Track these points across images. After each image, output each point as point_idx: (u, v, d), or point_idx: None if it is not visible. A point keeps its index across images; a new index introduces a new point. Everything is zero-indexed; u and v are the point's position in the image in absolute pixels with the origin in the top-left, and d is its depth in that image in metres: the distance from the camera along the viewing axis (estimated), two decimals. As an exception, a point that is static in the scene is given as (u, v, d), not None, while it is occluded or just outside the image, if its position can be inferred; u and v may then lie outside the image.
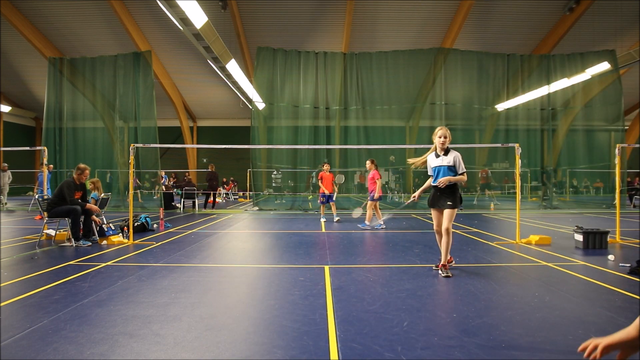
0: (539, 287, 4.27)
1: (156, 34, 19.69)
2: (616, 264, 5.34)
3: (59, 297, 3.84)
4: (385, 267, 5.19)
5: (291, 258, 5.84)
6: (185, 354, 2.65)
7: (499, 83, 15.81)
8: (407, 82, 15.83)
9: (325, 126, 15.66)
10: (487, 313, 3.43)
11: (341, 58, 15.28)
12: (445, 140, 4.82)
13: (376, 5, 17.86)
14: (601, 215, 12.46)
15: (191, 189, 14.65)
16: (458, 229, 8.95)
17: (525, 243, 6.91)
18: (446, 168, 4.83)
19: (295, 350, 2.70)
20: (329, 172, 10.50)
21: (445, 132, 4.83)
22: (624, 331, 1.25)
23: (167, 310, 3.49)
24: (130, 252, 6.28)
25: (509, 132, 16.13)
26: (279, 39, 18.18)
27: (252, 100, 15.08)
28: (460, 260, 5.61)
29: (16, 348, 2.72)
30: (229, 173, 24.62)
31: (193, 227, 9.43)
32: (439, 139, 4.85)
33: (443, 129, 4.86)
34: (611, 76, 15.45)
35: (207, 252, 6.35)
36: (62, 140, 15.28)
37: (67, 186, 6.91)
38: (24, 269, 5.08)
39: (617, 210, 7.54)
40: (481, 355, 2.62)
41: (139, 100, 14.52)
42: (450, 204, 4.76)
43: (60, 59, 15.54)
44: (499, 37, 19.50)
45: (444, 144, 4.83)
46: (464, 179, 4.80)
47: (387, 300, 3.80)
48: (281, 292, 4.09)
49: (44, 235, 7.40)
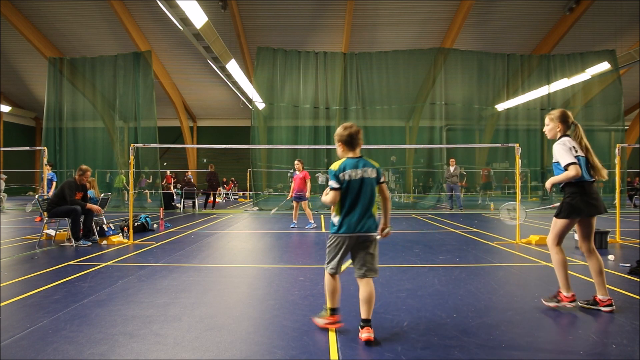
0: (539, 287, 4.27)
1: (156, 34, 19.68)
2: (616, 264, 5.34)
3: (59, 297, 3.84)
4: (385, 267, 5.19)
5: (291, 258, 5.84)
6: (185, 354, 2.65)
7: (499, 83, 15.81)
8: (407, 82, 15.83)
9: (325, 126, 15.66)
10: (487, 313, 3.43)
11: (341, 58, 15.28)
12: (545, 128, 3.67)
13: (376, 5, 17.85)
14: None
15: (191, 189, 14.65)
16: (458, 229, 8.95)
17: (525, 243, 6.91)
18: (554, 165, 3.59)
19: (295, 350, 2.70)
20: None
21: (546, 117, 3.67)
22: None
23: (167, 310, 3.49)
24: (130, 252, 6.28)
25: (509, 132, 16.14)
26: (279, 39, 18.17)
27: (252, 100, 15.08)
28: (460, 260, 5.61)
29: (16, 348, 2.72)
30: (229, 173, 24.62)
31: (193, 227, 9.43)
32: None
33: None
34: (611, 76, 15.45)
35: (207, 252, 6.35)
36: (62, 140, 15.29)
37: (69, 186, 6.92)
38: (24, 269, 5.08)
39: (617, 210, 7.54)
40: (481, 355, 2.62)
41: (139, 100, 14.52)
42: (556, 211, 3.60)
43: (60, 59, 15.54)
44: (499, 37, 19.49)
45: (547, 133, 3.66)
46: (569, 175, 3.29)
47: (387, 300, 3.80)
48: (281, 292, 4.09)
49: (44, 235, 7.40)
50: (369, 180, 2.91)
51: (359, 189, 2.89)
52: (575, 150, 3.39)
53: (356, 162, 2.94)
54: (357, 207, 2.88)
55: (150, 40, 19.89)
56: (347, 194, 2.90)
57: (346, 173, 2.89)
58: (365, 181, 2.90)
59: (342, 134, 2.97)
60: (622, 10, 17.16)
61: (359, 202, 2.88)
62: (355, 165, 2.92)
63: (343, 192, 2.91)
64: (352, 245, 2.93)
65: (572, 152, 3.37)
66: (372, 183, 2.93)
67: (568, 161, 3.31)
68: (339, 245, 2.94)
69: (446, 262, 5.53)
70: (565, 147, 3.38)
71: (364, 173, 2.91)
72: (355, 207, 2.88)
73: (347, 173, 2.89)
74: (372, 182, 2.93)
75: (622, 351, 2.69)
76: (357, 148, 3.00)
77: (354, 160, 2.95)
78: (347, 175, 2.89)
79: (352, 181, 2.89)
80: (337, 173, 2.90)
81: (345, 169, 2.90)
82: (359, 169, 2.91)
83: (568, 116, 3.54)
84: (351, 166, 2.91)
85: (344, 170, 2.90)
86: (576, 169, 3.27)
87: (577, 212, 3.40)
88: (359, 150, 3.02)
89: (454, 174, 13.42)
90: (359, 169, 2.91)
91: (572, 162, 3.29)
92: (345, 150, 3.00)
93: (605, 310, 3.40)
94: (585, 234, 3.54)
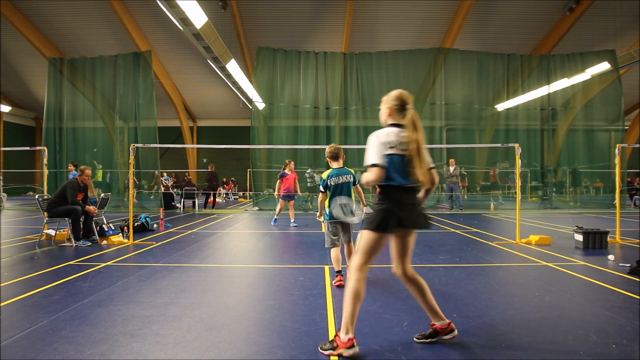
0: (539, 287, 4.27)
1: (156, 34, 19.67)
2: (616, 264, 5.34)
3: (59, 297, 3.84)
4: (385, 267, 5.18)
5: (291, 258, 5.84)
6: (185, 354, 2.65)
7: (499, 83, 15.80)
8: (407, 82, 15.81)
9: (325, 126, 15.66)
10: (487, 313, 3.43)
11: (341, 58, 15.27)
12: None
13: (376, 5, 17.84)
14: (601, 215, 12.46)
15: (191, 189, 14.65)
16: (458, 229, 8.95)
17: (525, 243, 6.91)
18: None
19: (295, 350, 2.70)
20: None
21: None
22: None
23: (167, 310, 3.49)
24: (130, 252, 6.28)
25: (509, 132, 16.12)
26: (279, 39, 18.16)
27: (252, 100, 15.08)
28: (460, 260, 5.61)
29: (16, 348, 2.72)
30: (229, 173, 24.60)
31: (193, 227, 9.43)
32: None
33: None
34: (611, 76, 15.44)
35: (207, 252, 6.35)
36: (62, 140, 15.28)
37: (71, 187, 6.95)
38: (24, 269, 5.08)
39: (617, 210, 7.54)
40: (481, 355, 2.62)
41: (139, 100, 14.51)
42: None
43: (60, 59, 15.54)
44: (499, 37, 19.48)
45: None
46: (367, 179, 2.61)
47: (387, 300, 3.80)
48: (281, 292, 4.10)
49: (44, 235, 7.41)
50: (346, 183, 4.36)
51: (341, 190, 4.33)
52: (392, 146, 2.62)
53: (338, 172, 4.38)
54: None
55: (150, 40, 19.89)
56: (334, 193, 4.31)
57: (331, 180, 4.34)
58: (343, 185, 4.34)
59: (329, 152, 4.47)
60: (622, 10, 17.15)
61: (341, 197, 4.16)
62: (337, 174, 4.36)
63: (331, 192, 4.33)
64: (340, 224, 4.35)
65: (383, 148, 2.60)
66: (349, 185, 4.39)
67: (369, 162, 2.59)
68: (333, 226, 4.37)
69: (446, 262, 5.53)
70: (377, 142, 2.60)
71: (343, 179, 4.35)
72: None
73: (331, 180, 4.34)
74: (349, 184, 4.38)
75: (622, 351, 2.69)
76: (340, 160, 4.44)
77: (336, 170, 4.40)
78: (332, 181, 4.34)
79: (336, 185, 4.33)
80: (325, 180, 4.36)
81: (330, 177, 4.34)
82: (341, 176, 4.35)
83: (402, 100, 2.70)
84: (334, 175, 4.35)
85: (329, 178, 4.35)
86: (375, 174, 2.54)
87: (381, 225, 2.63)
88: (341, 161, 4.46)
89: (453, 174, 13.43)
90: (340, 176, 4.35)
91: (372, 163, 2.56)
92: (331, 162, 4.48)
93: (447, 338, 2.76)
94: (398, 252, 2.81)
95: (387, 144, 2.61)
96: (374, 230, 2.64)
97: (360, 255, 2.70)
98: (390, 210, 2.61)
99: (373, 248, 2.68)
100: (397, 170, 2.62)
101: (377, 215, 2.65)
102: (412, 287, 2.80)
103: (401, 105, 2.70)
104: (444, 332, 2.77)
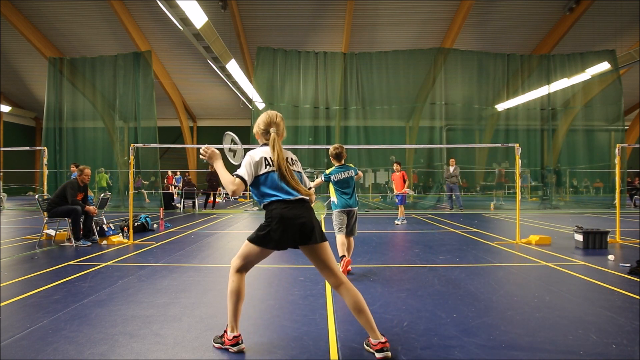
0: (539, 287, 4.27)
1: (156, 34, 19.67)
2: (616, 264, 5.34)
3: (59, 297, 3.84)
4: (385, 267, 5.19)
5: (291, 258, 5.84)
6: (185, 354, 2.65)
7: (499, 83, 15.80)
8: (407, 82, 15.83)
9: (325, 126, 15.66)
10: (487, 313, 3.43)
11: (341, 58, 15.27)
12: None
13: (376, 5, 17.84)
14: (601, 215, 12.46)
15: (191, 189, 14.65)
16: (458, 229, 8.95)
17: (525, 243, 6.91)
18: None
19: (295, 350, 2.70)
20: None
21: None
22: None
23: (167, 310, 3.49)
24: (130, 252, 6.28)
25: (509, 132, 16.12)
26: (279, 39, 18.17)
27: (252, 100, 15.08)
28: (460, 260, 5.61)
29: (16, 348, 2.72)
30: (229, 173, 24.60)
31: (193, 227, 9.43)
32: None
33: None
34: (611, 76, 15.45)
35: (207, 252, 6.35)
36: (62, 140, 15.28)
37: (71, 187, 6.95)
38: (24, 269, 5.08)
39: (617, 210, 7.54)
40: (481, 355, 2.62)
41: (139, 100, 14.52)
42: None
43: (60, 59, 15.54)
44: (499, 37, 19.49)
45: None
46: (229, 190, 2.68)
47: (387, 300, 3.80)
48: (281, 292, 4.10)
49: (44, 235, 7.41)
50: (350, 177, 4.99)
51: (344, 183, 4.95)
52: (269, 164, 2.69)
53: (340, 169, 4.99)
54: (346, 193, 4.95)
55: (150, 40, 19.89)
56: (339, 187, 4.94)
57: (334, 176, 4.97)
58: (347, 179, 4.97)
59: (333, 152, 5.01)
60: (622, 10, 17.16)
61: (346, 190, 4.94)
62: (339, 171, 4.97)
63: (337, 186, 4.94)
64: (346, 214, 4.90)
65: (257, 167, 2.67)
66: (352, 178, 5.01)
67: (237, 172, 2.68)
68: (340, 215, 4.90)
69: (446, 262, 5.53)
70: (249, 161, 2.69)
71: (346, 174, 4.97)
72: (344, 194, 4.93)
73: (334, 176, 4.97)
74: (352, 177, 5.01)
75: (622, 351, 2.69)
76: (342, 160, 5.01)
77: (338, 167, 5.00)
78: (335, 177, 4.96)
79: (340, 180, 4.94)
80: (328, 175, 4.99)
81: (333, 173, 4.98)
82: (343, 172, 4.97)
83: (268, 122, 2.84)
84: (336, 172, 4.98)
85: (332, 174, 4.98)
86: (237, 185, 2.59)
87: (257, 240, 2.65)
88: (343, 161, 5.01)
89: (453, 174, 13.42)
90: (343, 172, 4.96)
91: (236, 174, 2.64)
92: (334, 160, 5.02)
93: (378, 356, 2.55)
94: (318, 266, 2.69)
95: (264, 162, 2.71)
96: (250, 241, 2.68)
97: (238, 259, 2.73)
98: (271, 229, 2.61)
99: (247, 256, 2.70)
100: (275, 186, 2.67)
101: (259, 229, 2.67)
102: (345, 298, 2.65)
103: (265, 130, 2.87)
104: (375, 347, 2.58)
